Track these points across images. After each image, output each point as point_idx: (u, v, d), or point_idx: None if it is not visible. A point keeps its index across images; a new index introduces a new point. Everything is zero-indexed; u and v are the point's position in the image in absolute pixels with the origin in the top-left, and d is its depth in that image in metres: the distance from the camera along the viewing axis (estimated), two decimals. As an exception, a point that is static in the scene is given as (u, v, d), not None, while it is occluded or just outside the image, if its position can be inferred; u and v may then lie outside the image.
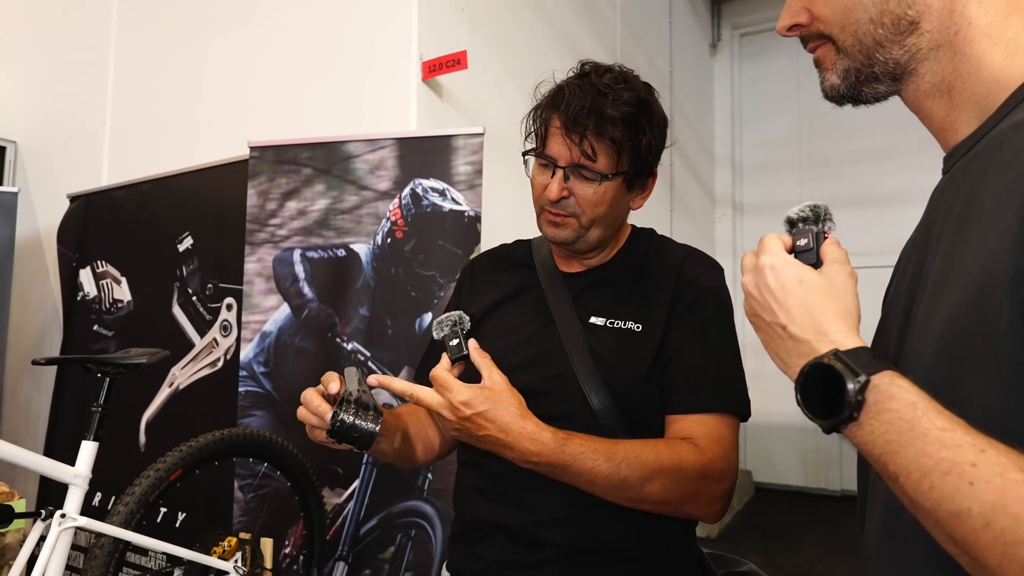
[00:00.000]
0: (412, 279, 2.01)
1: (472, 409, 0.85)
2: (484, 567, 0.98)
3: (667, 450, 0.88)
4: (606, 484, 0.86)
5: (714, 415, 0.93)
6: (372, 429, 0.83)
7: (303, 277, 2.11)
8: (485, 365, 0.90)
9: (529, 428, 0.85)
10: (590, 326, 1.00)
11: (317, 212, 2.13)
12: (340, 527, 1.98)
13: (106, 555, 1.35)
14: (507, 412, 0.85)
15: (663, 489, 0.87)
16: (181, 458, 1.49)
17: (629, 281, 1.03)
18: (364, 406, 0.85)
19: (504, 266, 1.15)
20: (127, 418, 2.54)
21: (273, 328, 2.12)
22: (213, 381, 2.35)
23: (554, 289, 1.04)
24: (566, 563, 0.93)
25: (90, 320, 2.81)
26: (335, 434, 0.83)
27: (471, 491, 1.03)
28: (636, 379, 0.95)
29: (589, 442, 0.86)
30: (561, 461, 0.85)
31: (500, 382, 0.88)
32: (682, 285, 1.00)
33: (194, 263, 2.49)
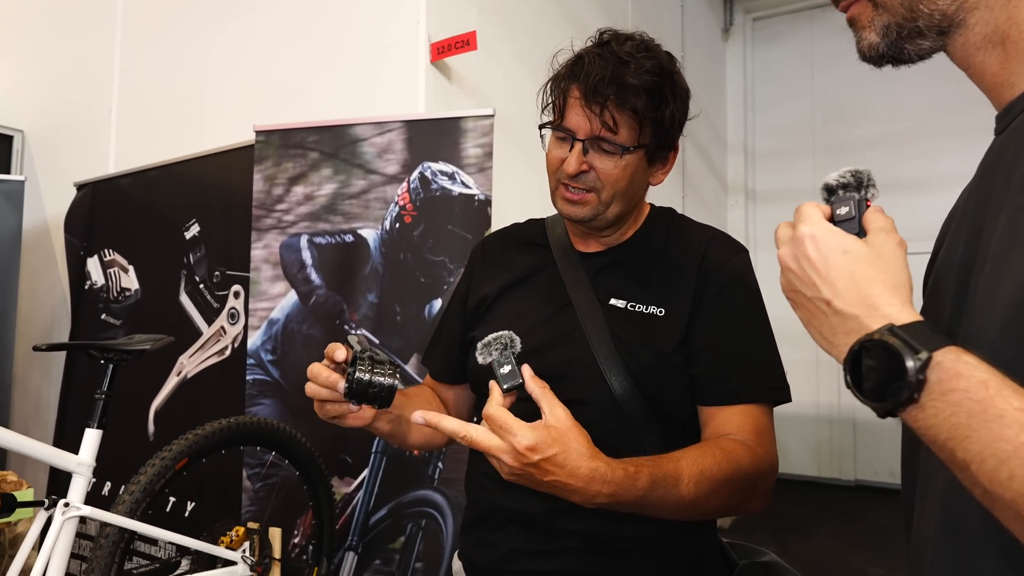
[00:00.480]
0: (421, 265, 1.97)
1: (539, 455, 0.72)
2: (499, 556, 0.95)
3: (726, 459, 0.83)
4: (674, 509, 0.81)
5: (755, 405, 0.90)
6: (391, 383, 0.79)
7: (310, 263, 2.07)
8: (546, 398, 0.77)
9: (601, 470, 0.74)
10: (610, 308, 0.96)
11: (324, 197, 2.09)
12: (350, 517, 1.95)
13: (111, 545, 1.32)
14: (577, 455, 0.74)
15: (726, 498, 0.84)
16: (187, 446, 1.46)
17: (650, 263, 0.99)
18: (379, 362, 0.80)
19: (517, 245, 1.10)
20: (136, 407, 2.53)
21: (280, 315, 2.09)
22: (221, 369, 2.33)
23: (571, 269, 1.00)
24: (583, 551, 0.90)
25: (98, 309, 2.79)
26: (353, 393, 0.78)
27: (484, 478, 0.99)
28: (658, 363, 0.91)
29: (655, 469, 0.78)
30: (634, 497, 0.77)
31: (564, 419, 0.76)
32: (708, 271, 0.95)
33: (201, 250, 2.46)
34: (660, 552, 0.91)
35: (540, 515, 0.92)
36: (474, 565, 0.99)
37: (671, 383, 0.92)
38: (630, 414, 0.89)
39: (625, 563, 0.90)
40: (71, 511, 1.31)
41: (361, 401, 0.80)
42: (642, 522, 0.89)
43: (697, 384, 0.92)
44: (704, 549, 0.96)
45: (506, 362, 0.80)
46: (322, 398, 0.84)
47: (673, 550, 0.92)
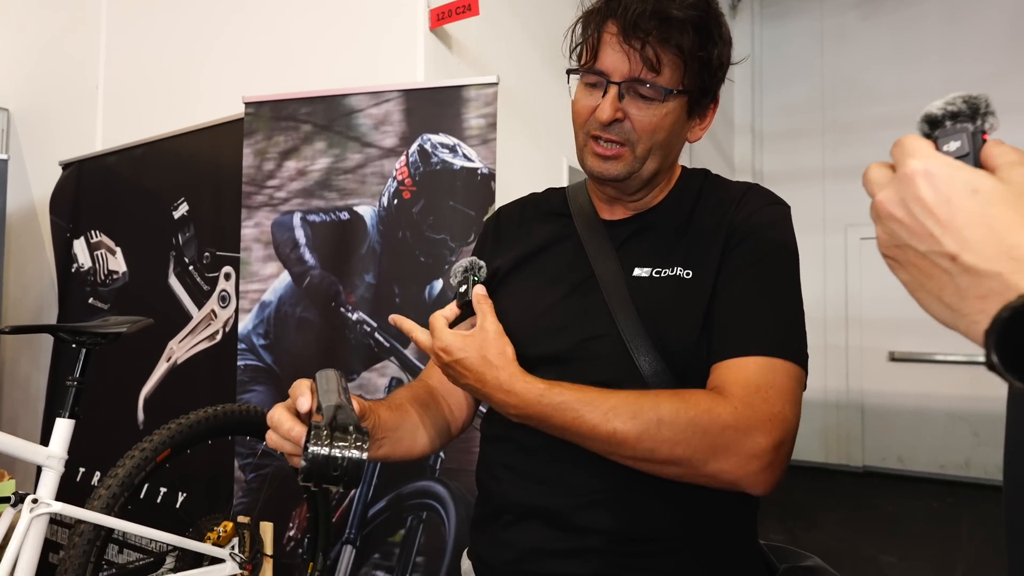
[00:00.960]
0: (421, 243, 1.85)
1: (450, 356, 0.80)
2: (514, 555, 0.84)
3: (671, 398, 0.73)
4: (595, 438, 0.73)
5: (756, 358, 0.75)
6: (357, 458, 0.63)
7: (304, 242, 1.96)
8: (481, 311, 0.83)
9: (502, 378, 0.77)
10: (634, 279, 0.85)
11: (318, 172, 1.97)
12: (347, 509, 1.85)
13: (86, 543, 1.22)
14: (483, 361, 0.78)
15: (667, 443, 0.70)
16: (170, 437, 1.36)
17: (679, 225, 0.88)
18: (342, 428, 0.65)
19: (536, 215, 1.00)
20: (124, 395, 2.43)
21: (273, 297, 1.98)
22: (212, 355, 2.22)
23: (595, 239, 0.89)
24: (610, 552, 0.79)
25: (85, 293, 2.68)
26: (309, 476, 0.63)
27: (498, 468, 0.89)
28: (689, 336, 0.80)
29: (574, 391, 0.75)
30: (541, 413, 0.75)
31: (490, 330, 0.81)
32: (736, 222, 0.84)
33: (190, 231, 2.34)
34: (695, 555, 0.80)
35: (562, 510, 0.81)
36: (486, 565, 0.89)
37: (702, 353, 0.80)
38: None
39: (656, 567, 0.79)
40: (40, 508, 1.20)
41: (321, 483, 0.64)
42: (676, 521, 0.79)
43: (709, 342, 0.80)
44: (744, 553, 0.85)
45: (465, 283, 0.87)
46: (286, 452, 0.73)
47: (710, 553, 0.81)
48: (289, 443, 0.71)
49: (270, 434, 0.72)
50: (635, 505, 0.79)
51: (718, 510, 0.81)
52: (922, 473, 5.17)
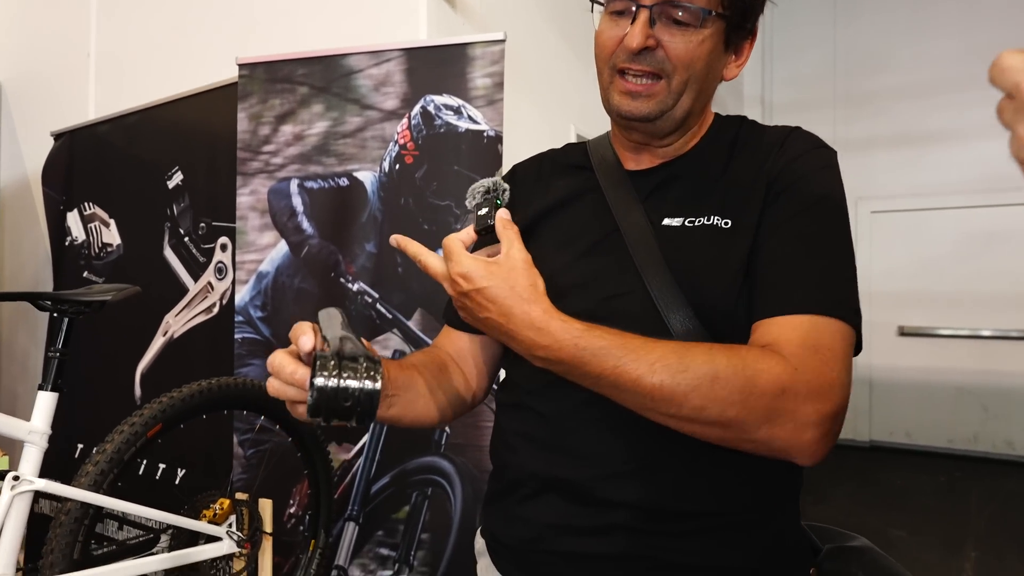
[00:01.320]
0: (425, 210, 1.77)
1: (471, 284, 0.68)
2: (533, 533, 0.77)
3: (727, 353, 0.64)
4: (637, 391, 0.64)
5: (809, 317, 0.67)
6: (371, 388, 0.57)
7: (301, 210, 1.88)
8: (507, 238, 0.72)
9: (535, 314, 0.67)
10: (663, 230, 0.77)
11: (315, 136, 1.88)
12: (349, 485, 1.79)
13: (72, 522, 1.16)
14: (511, 293, 0.67)
15: (720, 403, 0.62)
16: (161, 411, 1.29)
17: (713, 172, 0.79)
18: (351, 358, 0.58)
19: (555, 169, 0.92)
20: (120, 370, 2.37)
21: (270, 268, 1.90)
22: (209, 328, 2.16)
23: (619, 190, 0.81)
24: (637, 530, 0.72)
25: (80, 266, 2.61)
26: (317, 410, 0.57)
27: (514, 438, 0.81)
28: (727, 291, 0.72)
29: (616, 336, 0.65)
30: (575, 358, 0.65)
31: (517, 258, 0.70)
32: (779, 167, 0.76)
33: (185, 201, 2.26)
34: (734, 534, 0.73)
35: (584, 483, 0.74)
36: (500, 543, 0.83)
37: (741, 309, 0.73)
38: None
39: (689, 547, 0.72)
40: (22, 485, 1.14)
41: (330, 419, 0.58)
42: (713, 495, 0.72)
43: (751, 296, 0.73)
44: (787, 532, 0.78)
45: (485, 204, 0.76)
46: (290, 399, 0.64)
47: (749, 532, 0.73)
48: (293, 388, 0.62)
49: (271, 381, 0.64)
50: (666, 477, 0.72)
51: (760, 483, 0.74)
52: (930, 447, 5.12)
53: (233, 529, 1.38)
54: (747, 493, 0.73)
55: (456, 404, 0.89)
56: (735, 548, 0.73)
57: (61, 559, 1.15)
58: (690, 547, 0.72)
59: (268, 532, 1.45)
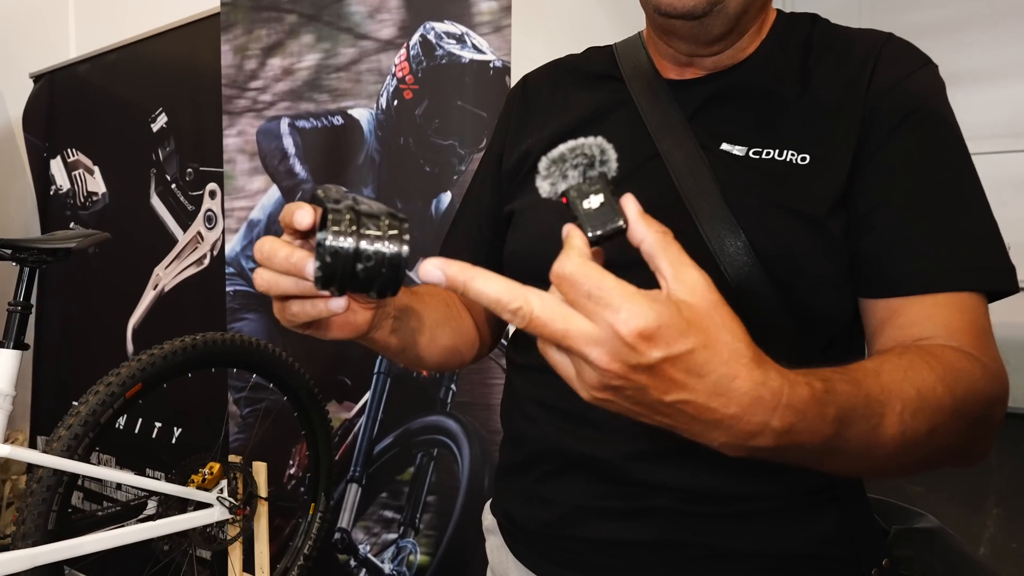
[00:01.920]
0: (426, 150, 1.62)
1: (662, 350, 0.37)
2: (555, 515, 0.66)
3: (951, 374, 0.49)
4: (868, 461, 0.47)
5: (966, 294, 0.55)
6: (395, 250, 0.43)
7: (293, 152, 1.73)
8: (669, 252, 0.41)
9: (774, 384, 0.40)
10: (721, 156, 0.62)
11: (306, 71, 1.72)
12: (351, 446, 1.70)
13: (45, 490, 1.06)
14: (731, 356, 0.39)
15: (952, 436, 0.49)
16: (140, 369, 1.18)
17: (782, 89, 0.64)
18: (369, 215, 0.43)
19: (575, 80, 0.76)
20: (111, 325, 2.26)
21: (262, 215, 1.77)
22: (200, 281, 2.04)
23: (658, 105, 0.66)
24: (680, 513, 0.60)
25: (65, 217, 2.49)
26: (329, 277, 0.42)
27: (533, 406, 0.69)
28: (802, 237, 0.58)
29: (851, 387, 0.45)
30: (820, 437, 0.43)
31: (704, 289, 0.40)
32: (880, 91, 0.60)
33: (170, 144, 2.11)
34: (791, 517, 0.61)
35: (618, 460, 0.62)
36: (517, 526, 0.71)
37: (820, 267, 0.59)
38: (755, 315, 0.57)
39: (739, 531, 0.60)
40: (-17, 452, 1.05)
41: (346, 288, 0.43)
42: (767, 475, 0.59)
43: (866, 265, 0.59)
44: (854, 514, 0.65)
45: (593, 190, 0.43)
46: (281, 292, 0.48)
47: (810, 515, 0.62)
48: (289, 278, 0.47)
49: (259, 273, 0.48)
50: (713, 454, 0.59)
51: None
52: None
53: (224, 495, 1.28)
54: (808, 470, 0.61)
55: (464, 349, 0.75)
56: (793, 532, 0.61)
57: (34, 530, 1.05)
58: (740, 531, 0.60)
59: (263, 497, 1.36)
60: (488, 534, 0.77)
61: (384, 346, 0.61)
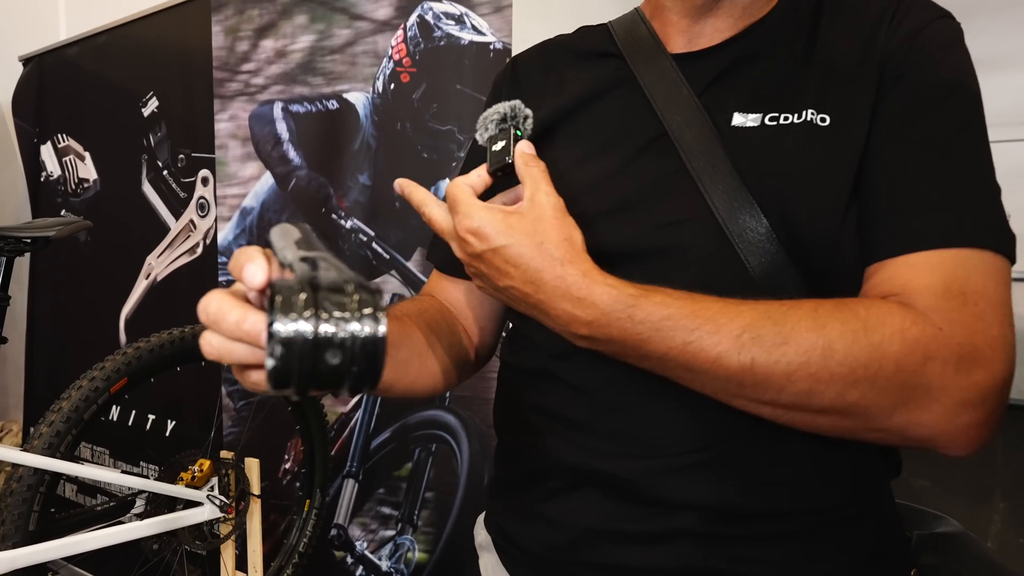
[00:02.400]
0: (424, 135, 1.56)
1: (486, 243, 0.53)
2: (565, 538, 0.60)
3: (839, 312, 0.47)
4: (719, 374, 0.47)
5: (952, 251, 0.49)
6: (370, 333, 0.33)
7: (287, 138, 1.68)
8: (531, 178, 0.55)
9: (572, 278, 0.50)
10: (734, 132, 0.57)
11: (300, 53, 1.66)
12: (347, 441, 1.65)
13: (25, 491, 1.02)
14: (539, 252, 0.51)
15: (837, 383, 0.45)
16: (125, 363, 1.13)
17: (798, 48, 0.59)
18: (333, 287, 0.34)
19: (569, 60, 0.71)
20: (103, 314, 2.22)
21: (255, 203, 1.72)
22: (193, 270, 1.99)
23: (662, 81, 0.61)
24: (707, 536, 0.55)
25: (56, 204, 2.44)
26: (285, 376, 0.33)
27: (536, 416, 0.63)
28: (831, 214, 0.53)
29: (683, 301, 0.49)
30: (631, 334, 0.49)
31: (545, 204, 0.53)
32: (895, 41, 0.55)
33: (162, 130, 2.06)
34: (826, 536, 0.56)
35: (638, 477, 0.56)
36: (518, 548, 0.65)
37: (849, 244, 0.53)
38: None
39: (772, 556, 0.55)
40: (-42, 452, 1.00)
41: (308, 387, 0.34)
42: (801, 489, 0.54)
43: (861, 226, 0.53)
44: (886, 527, 0.60)
45: (502, 137, 0.60)
46: (237, 362, 0.39)
47: (845, 533, 0.56)
48: (241, 346, 0.38)
49: (208, 339, 0.39)
50: (743, 468, 0.54)
51: (857, 467, 0.57)
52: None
53: (215, 493, 1.24)
54: (842, 483, 0.56)
55: (458, 366, 0.70)
56: (833, 553, 0.56)
57: (15, 531, 1.01)
58: (771, 556, 0.55)
59: (256, 494, 1.32)
60: (482, 551, 0.72)
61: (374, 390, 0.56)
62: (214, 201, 1.88)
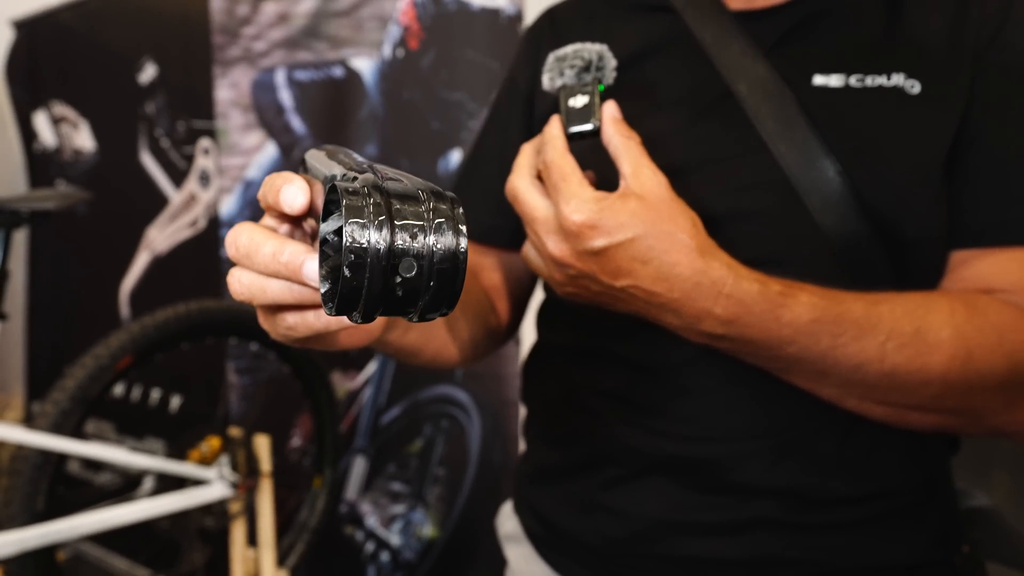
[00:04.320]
0: (433, 105, 1.51)
1: (606, 238, 0.44)
2: (629, 530, 0.56)
3: (972, 315, 0.46)
4: (854, 381, 0.46)
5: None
6: (451, 245, 0.27)
7: (291, 106, 1.62)
8: (631, 153, 0.46)
9: (716, 273, 0.44)
10: (814, 91, 0.53)
11: (303, 16, 1.59)
12: (356, 416, 1.63)
13: (31, 470, 0.99)
14: (673, 243, 0.44)
15: (969, 390, 0.46)
16: (130, 340, 1.10)
17: (873, 12, 0.55)
18: (403, 196, 0.27)
19: (613, 10, 0.66)
20: (104, 287, 2.19)
21: (258, 174, 1.67)
22: (196, 244, 1.94)
23: (724, 37, 0.56)
24: (786, 526, 0.53)
25: (52, 175, 2.38)
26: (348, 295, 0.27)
27: (592, 396, 0.60)
28: (918, 184, 0.50)
29: (825, 301, 0.45)
30: (775, 336, 0.45)
31: (656, 186, 0.45)
32: (989, 24, 0.51)
33: (160, 97, 1.99)
34: (902, 523, 0.54)
35: (714, 463, 0.53)
36: (570, 541, 0.61)
37: (937, 221, 0.51)
38: (859, 278, 0.49)
39: (852, 545, 0.53)
40: (-40, 432, 0.97)
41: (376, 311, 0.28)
42: (877, 472, 0.53)
43: (955, 211, 0.51)
44: (948, 509, 0.59)
45: (583, 90, 0.50)
46: (271, 302, 0.33)
47: (917, 516, 0.55)
48: (278, 283, 0.32)
49: (237, 275, 0.33)
50: (822, 451, 0.52)
51: (927, 449, 0.55)
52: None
53: (225, 470, 1.22)
54: (915, 465, 0.55)
55: (486, 338, 0.67)
56: (904, 538, 0.54)
57: (21, 511, 0.99)
58: (849, 543, 0.53)
59: (266, 472, 1.30)
60: (509, 542, 0.69)
61: (398, 348, 0.53)
62: (216, 172, 1.83)
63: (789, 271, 0.48)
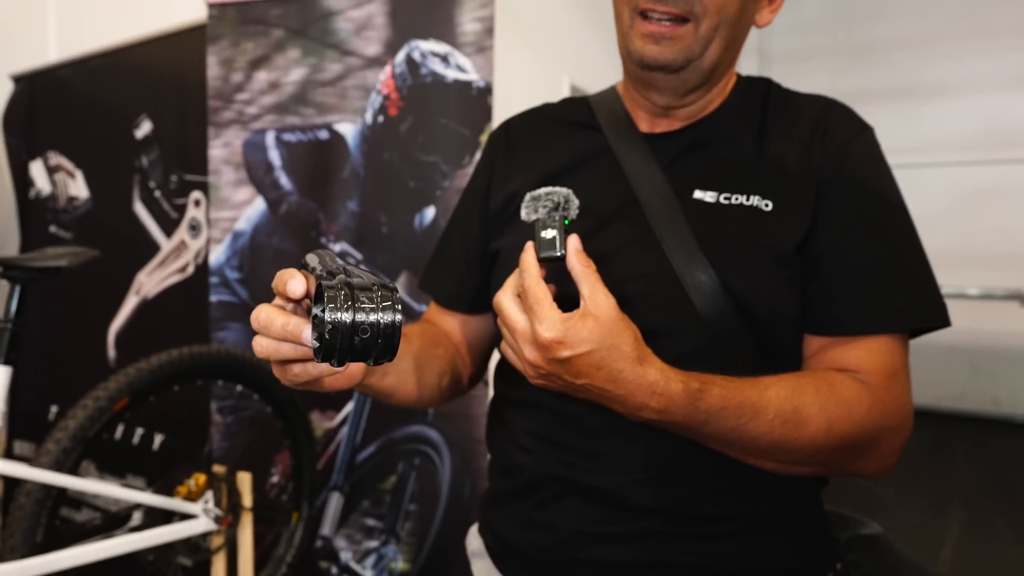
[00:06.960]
0: (410, 166, 1.65)
1: (570, 349, 0.58)
2: (553, 540, 0.71)
3: (831, 394, 0.62)
4: (748, 449, 0.63)
5: (889, 338, 0.66)
6: (390, 320, 0.45)
7: (279, 165, 1.76)
8: (588, 281, 0.60)
9: (651, 377, 0.59)
10: (694, 204, 0.69)
11: (292, 85, 1.74)
12: (333, 454, 1.73)
13: (34, 504, 1.08)
14: (620, 355, 0.58)
15: (830, 452, 0.63)
16: (128, 383, 1.20)
17: (746, 144, 0.71)
18: (361, 288, 0.46)
19: (555, 128, 0.82)
20: (94, 328, 2.27)
21: (247, 226, 1.79)
22: (184, 289, 2.05)
23: (634, 155, 0.73)
24: (673, 535, 0.67)
25: (45, 220, 2.48)
26: (329, 350, 0.45)
27: (528, 438, 0.74)
28: (769, 276, 0.66)
29: (730, 391, 0.61)
30: (693, 420, 0.61)
31: (607, 308, 0.59)
32: (829, 155, 0.69)
33: (155, 152, 2.12)
34: (770, 534, 0.69)
35: (618, 488, 0.68)
36: (512, 551, 0.75)
37: (787, 302, 0.67)
38: (725, 347, 0.64)
39: (728, 551, 0.67)
40: (-25, 469, 1.06)
41: (345, 359, 0.47)
42: (746, 496, 0.68)
43: (812, 306, 0.68)
44: (818, 526, 0.74)
45: (552, 225, 0.63)
46: (282, 358, 0.50)
47: (785, 531, 0.69)
48: (287, 345, 0.49)
49: (259, 341, 0.50)
50: (698, 479, 0.67)
51: (790, 480, 0.69)
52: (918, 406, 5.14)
53: (210, 505, 1.31)
54: (781, 490, 0.69)
55: (452, 385, 0.82)
56: (773, 548, 0.68)
57: (22, 543, 1.08)
58: (729, 550, 0.67)
59: (247, 507, 1.39)
60: (475, 558, 0.82)
61: (378, 390, 0.67)
62: (206, 222, 1.95)
63: (676, 340, 0.65)
